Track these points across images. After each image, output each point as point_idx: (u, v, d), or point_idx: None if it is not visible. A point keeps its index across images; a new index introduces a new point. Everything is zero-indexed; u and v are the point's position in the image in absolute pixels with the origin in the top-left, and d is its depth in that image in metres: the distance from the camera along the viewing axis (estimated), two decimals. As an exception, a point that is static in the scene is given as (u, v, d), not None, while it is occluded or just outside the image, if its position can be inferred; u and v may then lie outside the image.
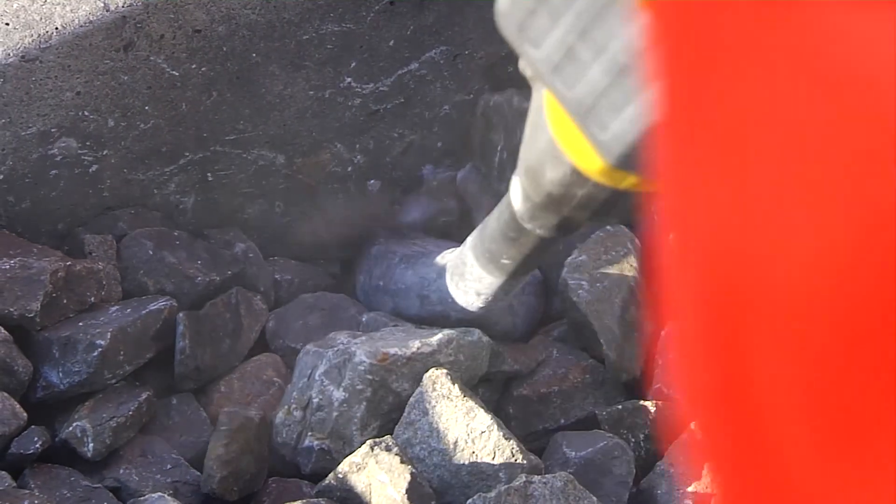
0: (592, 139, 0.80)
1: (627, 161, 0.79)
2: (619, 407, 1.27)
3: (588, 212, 0.98)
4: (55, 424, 1.28)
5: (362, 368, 1.25)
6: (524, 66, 0.87)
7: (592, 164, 0.85)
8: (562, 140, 0.88)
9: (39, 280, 1.30)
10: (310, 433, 1.26)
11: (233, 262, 1.48)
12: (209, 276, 1.43)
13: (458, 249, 1.32)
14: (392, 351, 1.27)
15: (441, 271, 1.33)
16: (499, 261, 1.19)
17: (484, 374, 1.34)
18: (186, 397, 1.35)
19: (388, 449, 1.19)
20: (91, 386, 1.28)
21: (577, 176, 0.89)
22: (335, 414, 1.25)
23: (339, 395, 1.26)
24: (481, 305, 1.29)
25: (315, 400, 1.27)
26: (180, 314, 1.35)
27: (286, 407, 1.29)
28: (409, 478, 1.15)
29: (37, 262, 1.31)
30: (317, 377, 1.27)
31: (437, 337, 1.28)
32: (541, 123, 0.90)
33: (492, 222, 1.17)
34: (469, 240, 1.26)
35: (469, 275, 1.25)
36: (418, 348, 1.27)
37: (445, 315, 1.34)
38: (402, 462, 1.17)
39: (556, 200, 0.97)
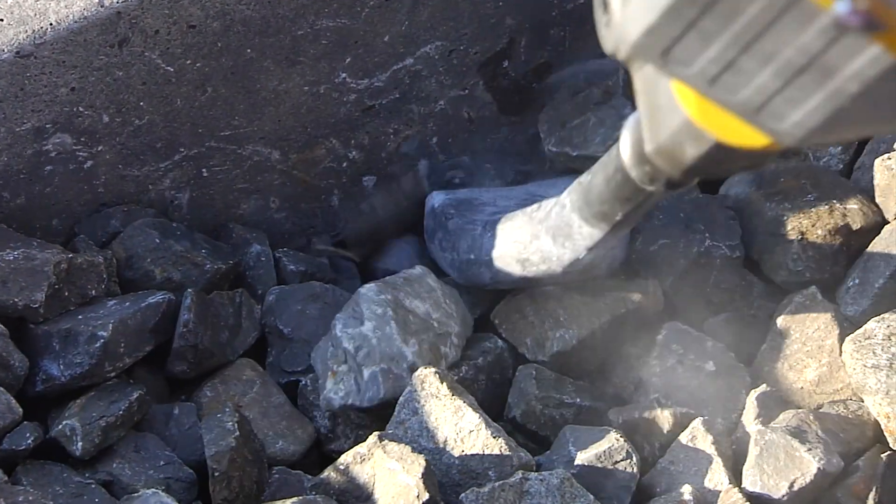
0: (767, 130, 0.84)
1: (807, 141, 0.84)
2: (636, 415, 1.27)
3: (724, 171, 1.03)
4: (49, 420, 1.28)
5: (371, 294, 1.34)
6: (615, 50, 0.90)
7: (753, 142, 0.89)
8: (706, 124, 0.91)
9: (43, 271, 1.30)
10: (364, 368, 1.30)
11: (231, 252, 1.50)
12: (216, 264, 1.44)
13: (549, 207, 1.33)
14: (387, 279, 1.39)
15: (537, 232, 1.34)
16: (612, 219, 1.22)
17: None
18: (188, 409, 1.34)
19: (396, 439, 1.19)
20: (91, 378, 1.28)
21: (722, 148, 0.93)
22: (374, 341, 1.31)
23: (367, 327, 1.32)
24: (591, 258, 1.31)
25: (350, 347, 1.32)
26: (189, 290, 1.36)
27: (327, 374, 1.33)
28: (423, 464, 1.15)
29: (40, 254, 1.32)
30: (338, 334, 1.33)
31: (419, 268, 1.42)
32: (667, 106, 0.94)
33: (597, 187, 1.21)
34: (568, 203, 1.28)
35: (577, 235, 1.28)
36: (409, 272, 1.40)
37: (552, 273, 1.35)
38: (413, 451, 1.17)
39: (696, 170, 1.01)
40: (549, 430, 1.33)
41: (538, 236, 1.34)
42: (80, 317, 1.31)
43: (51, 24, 1.34)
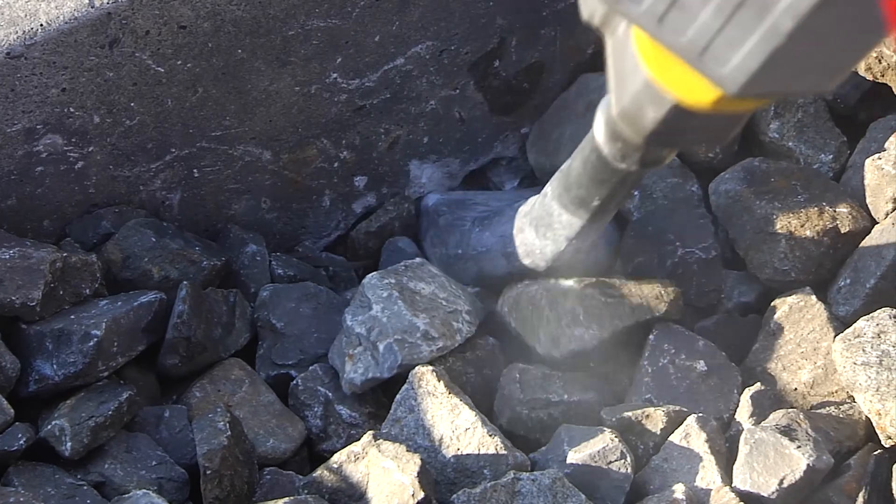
0: (711, 75, 0.85)
1: (750, 89, 0.84)
2: (630, 414, 1.26)
3: (685, 141, 1.05)
4: (40, 421, 1.28)
5: (374, 281, 1.37)
6: (590, 16, 0.91)
7: (704, 97, 0.90)
8: (663, 80, 0.93)
9: (39, 269, 1.30)
10: (379, 343, 1.32)
11: (222, 250, 1.50)
12: (211, 260, 1.45)
13: (534, 201, 1.34)
14: (388, 268, 1.41)
15: (521, 225, 1.36)
16: (589, 204, 1.24)
17: None
18: (178, 412, 1.34)
19: (391, 438, 1.20)
20: (85, 378, 1.28)
21: (680, 111, 0.94)
22: (384, 320, 1.33)
23: (375, 310, 1.34)
24: (573, 253, 1.32)
25: (362, 331, 1.34)
26: (184, 282, 1.37)
27: (344, 359, 1.35)
28: (419, 462, 1.15)
29: (35, 253, 1.32)
30: (349, 323, 1.35)
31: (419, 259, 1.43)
32: (631, 68, 0.95)
33: (575, 170, 1.22)
34: (549, 190, 1.29)
35: (557, 224, 1.29)
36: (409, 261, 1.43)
37: (535, 266, 1.35)
38: (408, 450, 1.17)
39: (657, 136, 1.01)
40: (539, 432, 1.32)
41: (522, 229, 1.35)
42: (72, 316, 1.31)
43: (41, 25, 1.34)
